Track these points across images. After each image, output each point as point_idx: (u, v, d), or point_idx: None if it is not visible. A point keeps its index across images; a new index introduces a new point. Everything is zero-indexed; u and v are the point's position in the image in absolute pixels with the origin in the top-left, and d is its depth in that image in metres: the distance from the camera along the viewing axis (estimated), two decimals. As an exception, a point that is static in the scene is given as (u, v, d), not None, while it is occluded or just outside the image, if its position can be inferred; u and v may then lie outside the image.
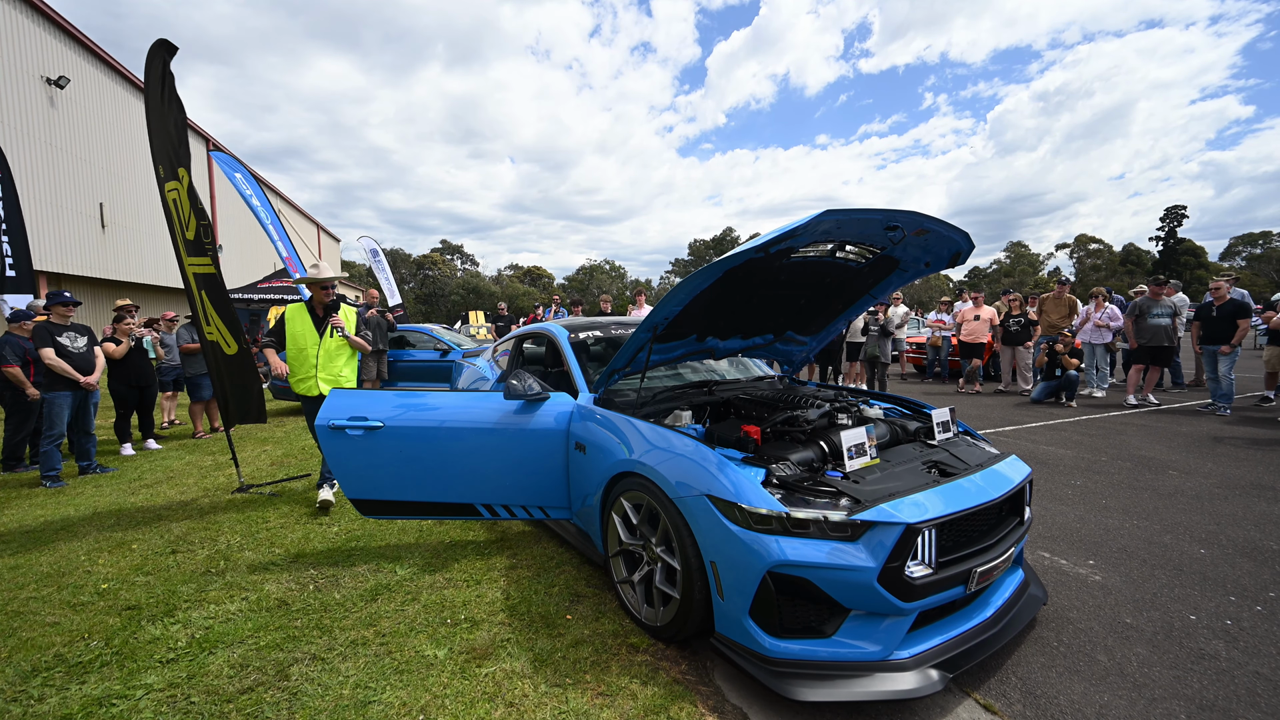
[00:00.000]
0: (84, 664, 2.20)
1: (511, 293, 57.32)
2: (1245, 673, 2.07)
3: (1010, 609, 2.23)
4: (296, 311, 4.00)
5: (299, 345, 3.93)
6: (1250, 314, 7.10)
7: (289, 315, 4.00)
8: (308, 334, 3.94)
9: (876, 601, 1.86)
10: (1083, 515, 3.65)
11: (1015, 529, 2.29)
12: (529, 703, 1.95)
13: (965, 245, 2.72)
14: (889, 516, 1.87)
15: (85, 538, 3.51)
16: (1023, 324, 9.02)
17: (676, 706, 1.91)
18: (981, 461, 2.41)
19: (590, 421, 2.79)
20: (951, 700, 1.96)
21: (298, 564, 3.08)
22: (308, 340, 3.94)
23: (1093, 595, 2.64)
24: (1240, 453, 5.12)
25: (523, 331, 4.54)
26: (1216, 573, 2.84)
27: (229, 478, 4.79)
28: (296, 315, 3.99)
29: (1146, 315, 7.67)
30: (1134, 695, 1.96)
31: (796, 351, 3.80)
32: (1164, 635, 2.32)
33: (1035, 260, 63.57)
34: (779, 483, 2.05)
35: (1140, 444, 5.51)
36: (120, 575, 2.98)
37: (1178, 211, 53.34)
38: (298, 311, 4.00)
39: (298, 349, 3.93)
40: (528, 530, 3.53)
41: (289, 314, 4.00)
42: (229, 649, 2.29)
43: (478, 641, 2.31)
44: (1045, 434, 6.07)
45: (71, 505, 4.18)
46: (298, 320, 3.98)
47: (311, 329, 3.95)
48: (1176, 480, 4.34)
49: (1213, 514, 3.62)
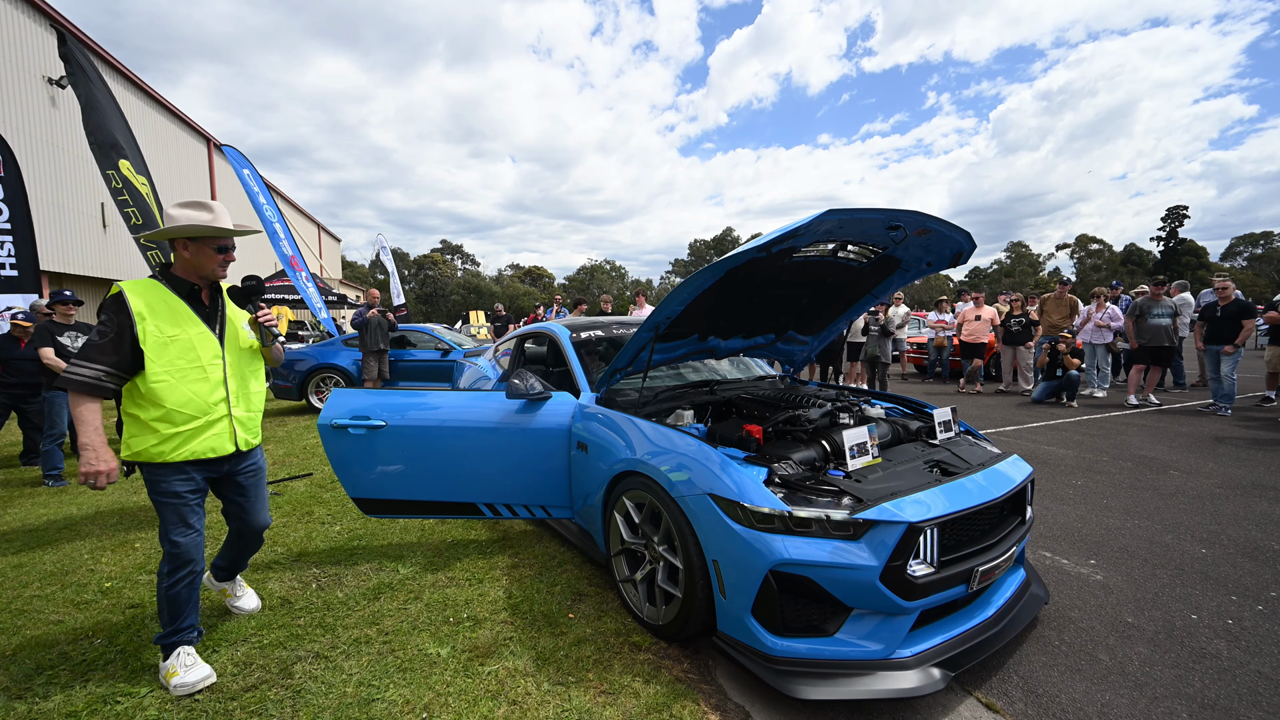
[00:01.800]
0: (88, 662, 2.21)
1: (512, 293, 57.40)
2: (1247, 672, 2.07)
3: (1012, 608, 2.23)
4: (153, 294, 2.03)
5: (176, 358, 2.02)
6: (1255, 314, 7.10)
7: (143, 301, 2.00)
8: (196, 335, 2.08)
9: (878, 600, 1.87)
10: (1084, 515, 3.66)
11: (1017, 528, 2.30)
12: (531, 701, 1.96)
13: (967, 245, 2.72)
14: (891, 515, 1.87)
15: (88, 537, 3.52)
16: (1024, 324, 9.02)
17: (679, 705, 1.92)
18: (983, 461, 2.41)
19: (592, 421, 2.80)
20: (953, 699, 1.96)
21: (300, 563, 3.09)
22: (201, 347, 2.08)
23: (1094, 595, 2.65)
24: (1241, 453, 5.11)
25: (524, 331, 4.54)
26: (1218, 572, 2.84)
27: (231, 477, 4.80)
28: (157, 301, 2.03)
29: (1147, 315, 7.67)
30: (1135, 694, 1.97)
31: (798, 351, 3.80)
32: (1165, 634, 2.32)
33: (1036, 260, 63.58)
34: (781, 482, 2.06)
35: (1141, 444, 5.51)
36: (123, 574, 2.98)
37: (1179, 211, 53.34)
38: (156, 294, 2.04)
39: (171, 365, 2.00)
40: (530, 529, 3.54)
41: (139, 297, 2.00)
42: (232, 647, 2.29)
43: (480, 640, 2.32)
44: (1046, 434, 6.07)
45: (74, 504, 4.19)
46: (162, 310, 2.02)
47: (201, 325, 2.10)
48: (1178, 480, 4.34)
49: (1214, 514, 3.62)
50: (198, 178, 21.73)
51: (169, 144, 19.71)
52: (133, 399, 2.02)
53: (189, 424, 2.04)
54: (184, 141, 20.73)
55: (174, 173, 19.80)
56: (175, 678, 2.02)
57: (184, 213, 2.06)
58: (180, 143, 20.50)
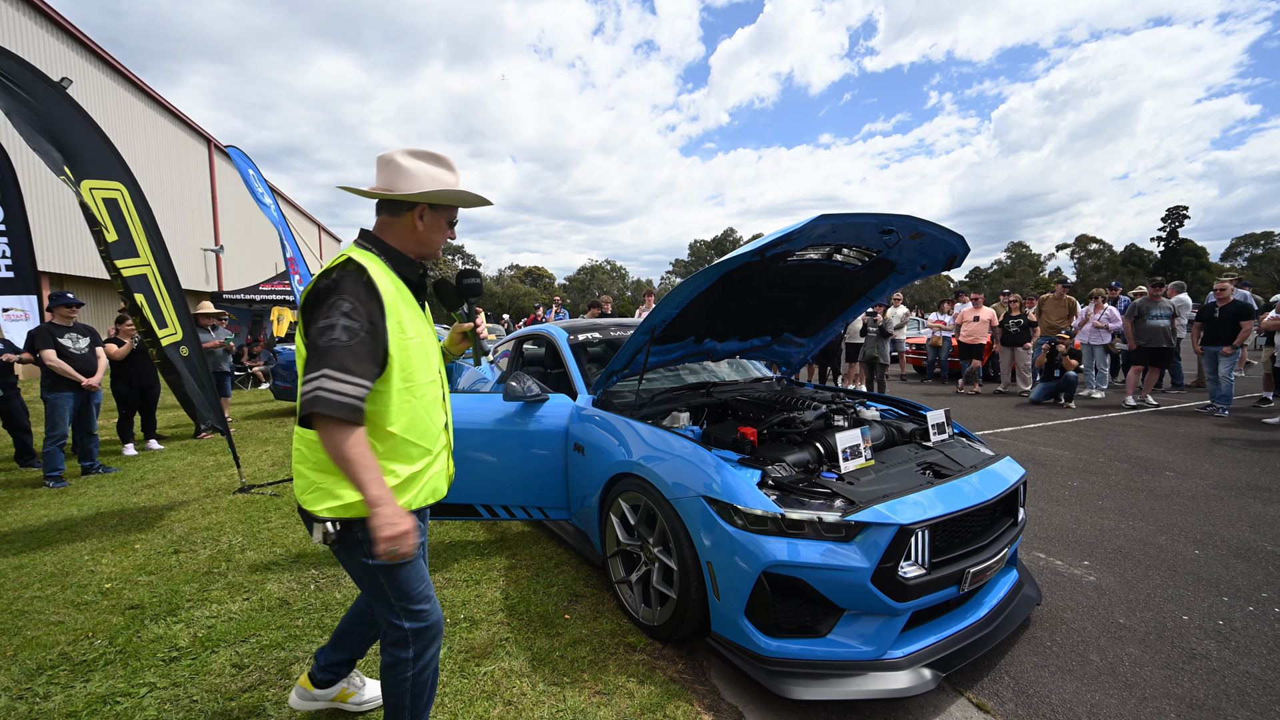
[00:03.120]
0: (88, 662, 2.23)
1: (512, 293, 57.42)
2: (1236, 672, 2.09)
3: (1004, 609, 2.25)
4: (386, 275, 1.45)
5: (416, 369, 1.49)
6: (1253, 315, 7.11)
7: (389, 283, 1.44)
8: (429, 337, 1.59)
9: (870, 602, 1.89)
10: (1079, 516, 3.67)
11: (1009, 530, 2.31)
12: (527, 701, 1.98)
13: (960, 248, 2.74)
14: (883, 518, 1.89)
15: (88, 538, 3.55)
16: (1022, 325, 9.04)
17: (673, 705, 1.94)
18: (976, 463, 2.43)
19: (589, 423, 2.82)
20: (944, 699, 1.98)
21: (299, 564, 3.11)
22: (433, 353, 1.59)
23: (1087, 596, 2.67)
24: (1237, 454, 5.13)
25: (522, 333, 4.56)
26: (1210, 573, 2.86)
27: (230, 478, 4.83)
28: (393, 286, 1.46)
29: (1145, 316, 7.68)
30: (1125, 694, 1.98)
31: (794, 353, 3.82)
32: (1156, 635, 2.34)
33: (1036, 260, 63.58)
34: (774, 484, 2.08)
35: (1138, 445, 5.52)
36: (123, 575, 3.01)
37: (1179, 212, 53.35)
38: (387, 275, 1.46)
39: (410, 378, 1.47)
40: (527, 530, 3.56)
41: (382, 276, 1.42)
42: (231, 648, 2.31)
43: (477, 641, 2.34)
44: (1044, 435, 6.09)
45: (74, 505, 4.21)
46: (404, 299, 1.50)
47: (430, 325, 1.64)
48: (1173, 481, 4.36)
49: (1208, 515, 3.64)
50: (198, 179, 21.76)
51: (169, 145, 19.75)
52: (380, 422, 1.41)
53: (423, 459, 1.50)
54: (184, 142, 20.76)
55: (174, 174, 19.84)
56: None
57: (426, 169, 1.48)
58: (180, 144, 20.54)
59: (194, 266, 20.89)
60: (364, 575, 1.45)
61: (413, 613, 1.47)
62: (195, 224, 21.36)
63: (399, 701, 1.51)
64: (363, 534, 1.37)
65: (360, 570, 1.45)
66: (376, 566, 1.41)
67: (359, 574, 1.47)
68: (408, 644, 1.48)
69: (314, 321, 1.31)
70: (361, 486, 1.27)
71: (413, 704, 1.52)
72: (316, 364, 1.28)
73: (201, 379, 4.42)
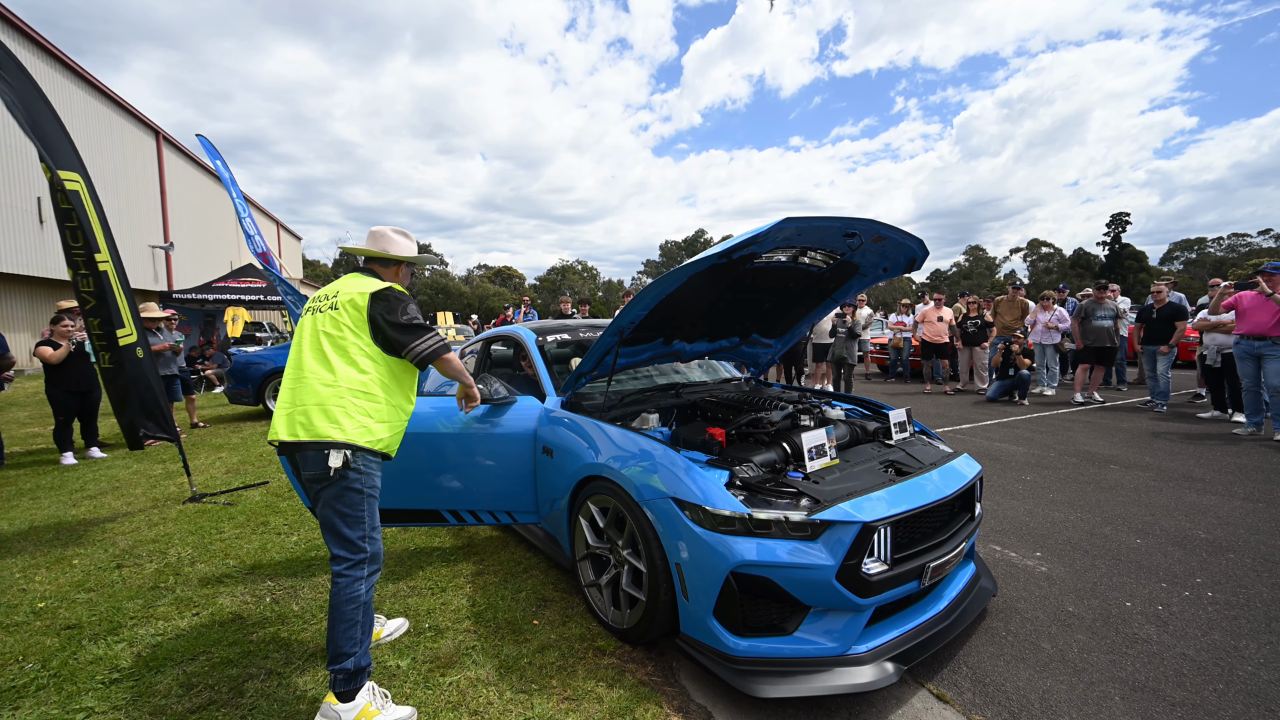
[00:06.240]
0: (18, 688, 2.08)
1: (481, 293, 56.51)
2: (1173, 655, 2.21)
3: (962, 601, 2.33)
4: None
5: None
6: (1187, 316, 7.58)
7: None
8: None
9: (835, 598, 1.92)
10: (1032, 509, 3.83)
11: (966, 525, 2.39)
12: (494, 710, 1.94)
13: (920, 251, 2.83)
14: (846, 516, 1.93)
15: (20, 553, 3.32)
16: (980, 325, 9.39)
17: (642, 708, 1.93)
18: (935, 460, 2.50)
19: (558, 425, 2.79)
20: (906, 691, 2.03)
21: (254, 576, 2.98)
22: None
23: (1039, 585, 2.78)
24: (1175, 447, 5.45)
25: (490, 334, 4.49)
26: (1150, 561, 3.02)
27: (180, 487, 4.59)
28: None
29: (1091, 317, 8.09)
30: (1074, 680, 2.08)
31: (762, 354, 3.87)
32: (1102, 622, 2.45)
33: (993, 263, 66.21)
34: (742, 484, 2.09)
35: (1085, 440, 5.80)
36: (59, 592, 2.82)
37: (1122, 218, 56.35)
38: None
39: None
40: (496, 535, 3.50)
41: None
42: (178, 667, 2.20)
43: (442, 650, 2.28)
44: (999, 431, 6.34)
45: (4, 519, 3.93)
46: None
47: None
48: (1117, 474, 4.59)
49: (1149, 505, 3.85)
50: (146, 173, 20.64)
51: (113, 136, 18.65)
52: (401, 388, 2.11)
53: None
54: (129, 133, 19.65)
55: (119, 167, 18.76)
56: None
57: (405, 242, 2.32)
58: (126, 134, 19.42)
59: (142, 264, 19.80)
60: (352, 504, 1.90)
61: (374, 539, 1.96)
62: (143, 220, 20.25)
63: (352, 617, 1.86)
64: (365, 466, 1.92)
65: (352, 499, 1.90)
66: (366, 495, 1.92)
67: (349, 503, 1.90)
68: (365, 565, 1.92)
69: (404, 313, 2.03)
70: (463, 376, 2.23)
71: (364, 619, 1.89)
72: (423, 333, 2.04)
73: (155, 383, 4.20)
